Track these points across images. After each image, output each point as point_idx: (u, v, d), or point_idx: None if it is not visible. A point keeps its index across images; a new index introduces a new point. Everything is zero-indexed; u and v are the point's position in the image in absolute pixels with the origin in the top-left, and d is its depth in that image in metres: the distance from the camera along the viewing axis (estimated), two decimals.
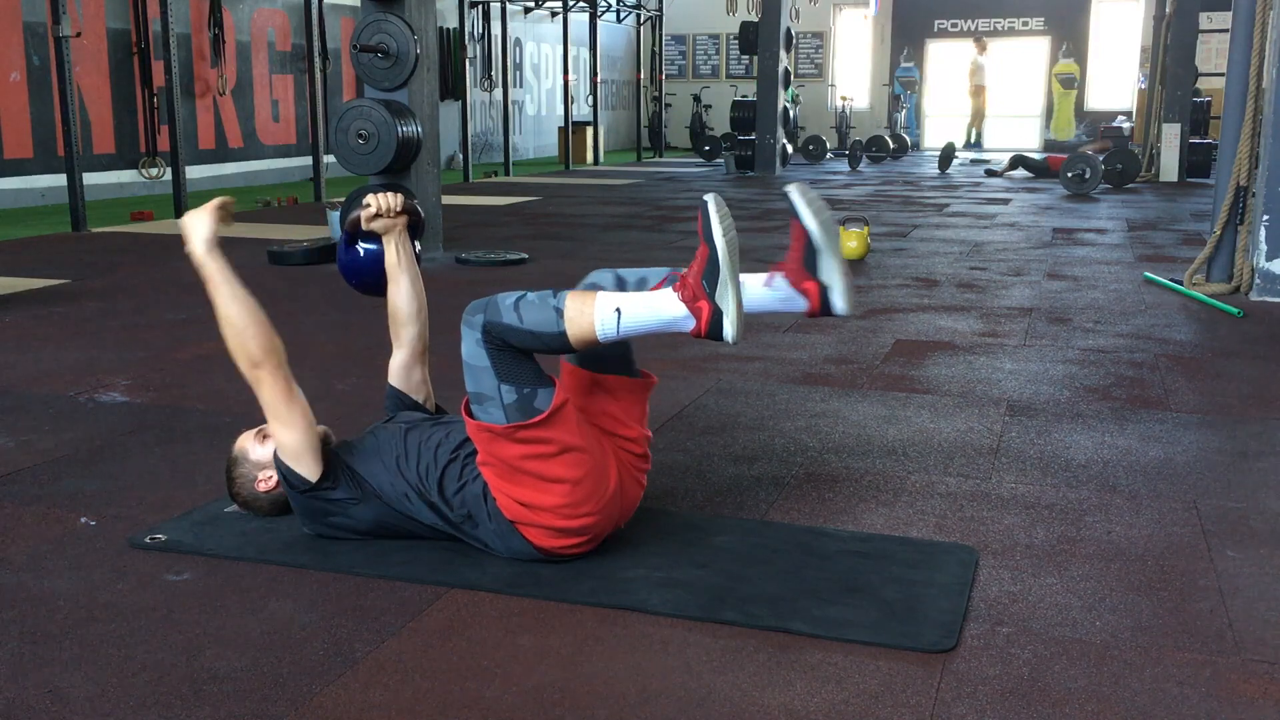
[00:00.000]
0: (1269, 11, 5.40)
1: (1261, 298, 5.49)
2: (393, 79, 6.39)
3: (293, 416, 2.34)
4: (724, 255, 2.22)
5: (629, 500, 2.41)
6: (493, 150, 16.60)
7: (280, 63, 12.79)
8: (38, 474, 2.91)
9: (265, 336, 2.34)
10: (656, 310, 2.25)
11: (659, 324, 2.26)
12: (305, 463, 2.36)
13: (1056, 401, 3.69)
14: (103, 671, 1.91)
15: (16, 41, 9.66)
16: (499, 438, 2.25)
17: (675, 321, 2.25)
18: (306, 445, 2.36)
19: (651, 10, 18.94)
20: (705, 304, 2.22)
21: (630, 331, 2.26)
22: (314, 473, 2.36)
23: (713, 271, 2.22)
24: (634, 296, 2.27)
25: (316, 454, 2.37)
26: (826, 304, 2.37)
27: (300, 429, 2.35)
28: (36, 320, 4.92)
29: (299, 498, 2.39)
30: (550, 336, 2.24)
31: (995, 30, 19.78)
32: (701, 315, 2.22)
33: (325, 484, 2.37)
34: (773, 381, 3.92)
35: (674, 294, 2.25)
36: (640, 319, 2.25)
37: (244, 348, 2.33)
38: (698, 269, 2.24)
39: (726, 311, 2.22)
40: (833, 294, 2.36)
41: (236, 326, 2.33)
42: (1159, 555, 2.44)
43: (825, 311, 2.38)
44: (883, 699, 1.85)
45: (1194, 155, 12.76)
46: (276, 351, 2.34)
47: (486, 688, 1.88)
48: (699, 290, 2.23)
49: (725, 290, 2.22)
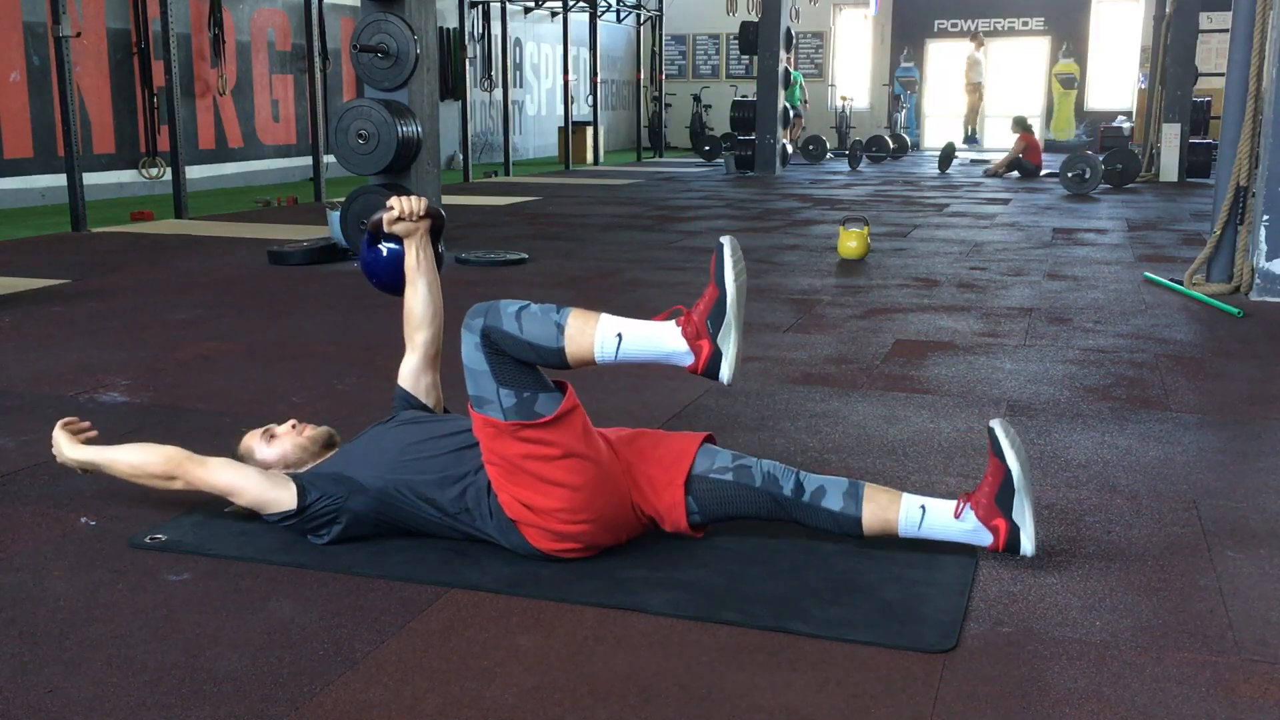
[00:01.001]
0: (1269, 11, 5.40)
1: (1261, 298, 5.49)
2: (393, 79, 6.39)
3: (229, 484, 2.43)
4: (732, 300, 2.27)
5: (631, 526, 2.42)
6: (493, 150, 16.61)
7: (280, 63, 12.79)
8: (38, 474, 2.91)
9: (156, 458, 2.49)
10: (658, 341, 2.29)
11: (657, 355, 2.31)
12: (276, 501, 2.39)
13: (1056, 401, 3.69)
14: (103, 671, 1.91)
15: (16, 41, 9.66)
16: (503, 434, 2.26)
17: (674, 355, 2.30)
18: (262, 489, 2.40)
19: (651, 10, 18.95)
20: (706, 343, 2.28)
21: (628, 358, 2.29)
22: (290, 501, 2.39)
23: (719, 313, 2.28)
24: (638, 324, 2.30)
25: (278, 485, 2.40)
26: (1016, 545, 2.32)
27: (244, 486, 2.41)
28: (36, 320, 4.92)
29: (299, 524, 2.41)
30: (548, 351, 2.26)
31: (995, 30, 19.79)
32: (701, 354, 2.28)
33: (307, 500, 2.38)
34: (773, 381, 3.92)
35: (676, 328, 2.29)
36: (639, 347, 2.29)
37: (153, 479, 2.49)
38: (704, 308, 2.29)
39: (726, 354, 2.28)
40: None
41: (137, 471, 2.50)
42: (1159, 555, 2.44)
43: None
44: (883, 699, 1.85)
45: (1194, 155, 12.76)
46: (172, 457, 2.48)
47: (486, 688, 1.88)
48: (703, 329, 2.28)
49: (728, 334, 2.28)
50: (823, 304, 5.41)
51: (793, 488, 2.38)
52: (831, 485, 2.39)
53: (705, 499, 2.38)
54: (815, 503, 2.37)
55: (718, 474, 2.38)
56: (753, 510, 2.39)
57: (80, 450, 2.56)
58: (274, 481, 2.41)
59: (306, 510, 2.38)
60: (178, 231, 8.15)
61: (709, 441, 2.47)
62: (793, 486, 2.38)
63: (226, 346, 4.42)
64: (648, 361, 2.34)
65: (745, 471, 2.39)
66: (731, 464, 2.40)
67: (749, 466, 2.40)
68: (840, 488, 2.39)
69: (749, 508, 2.39)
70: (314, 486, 2.39)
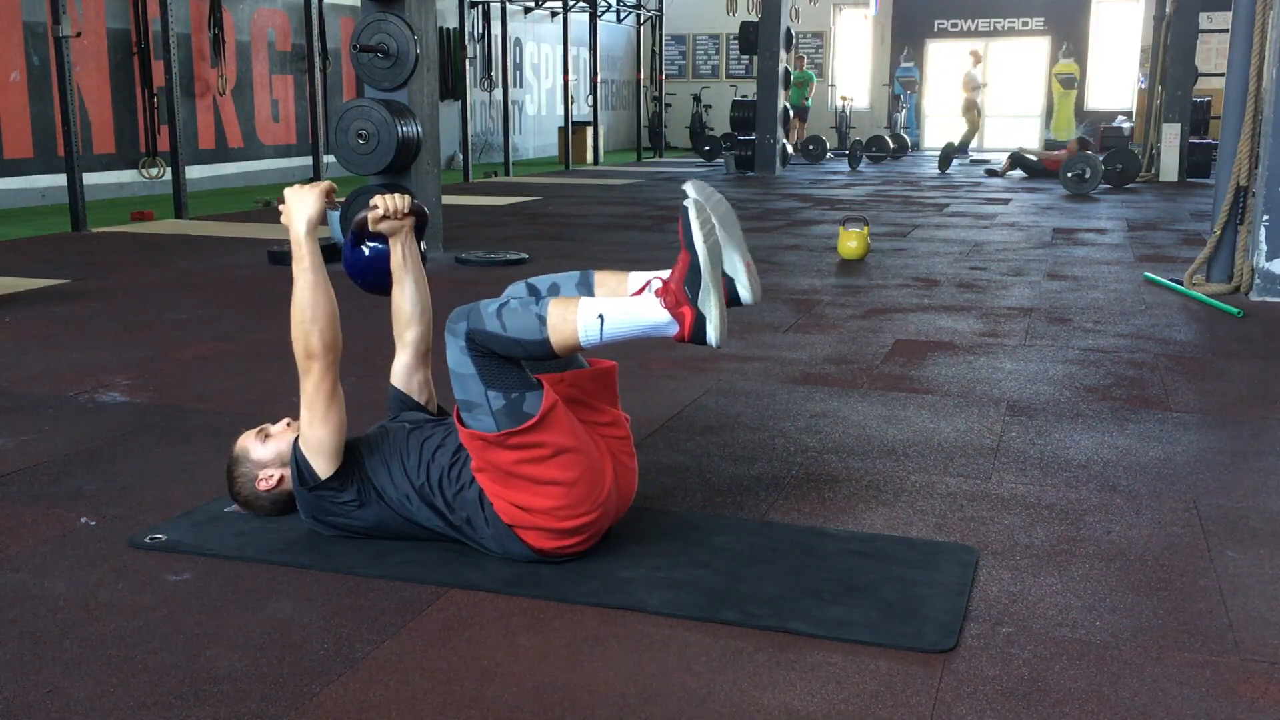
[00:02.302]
0: (1269, 11, 5.40)
1: (1261, 298, 5.49)
2: (393, 79, 6.39)
3: (328, 415, 2.36)
4: (705, 260, 2.24)
5: (626, 490, 2.42)
6: (493, 150, 16.60)
7: (280, 63, 12.79)
8: (38, 474, 2.91)
9: (331, 333, 2.37)
10: (640, 316, 2.27)
11: (642, 329, 2.28)
12: (321, 460, 2.37)
13: (1056, 401, 3.69)
14: (103, 671, 1.91)
15: (16, 41, 9.66)
16: (491, 445, 2.26)
17: (658, 327, 2.27)
18: (330, 446, 2.37)
19: (651, 10, 18.94)
20: (688, 309, 2.25)
21: (614, 337, 2.27)
22: (326, 471, 2.37)
23: (694, 277, 2.25)
24: (617, 302, 2.29)
25: (336, 457, 2.38)
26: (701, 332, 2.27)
27: (330, 429, 2.36)
28: (36, 320, 4.92)
29: (304, 493, 2.40)
30: (533, 344, 2.25)
31: (995, 30, 19.78)
32: (685, 321, 2.25)
33: (333, 484, 2.38)
34: (773, 381, 3.92)
35: (656, 300, 2.27)
36: (623, 324, 2.27)
37: (306, 336, 2.36)
38: (679, 274, 2.26)
39: (710, 316, 2.24)
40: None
41: (307, 314, 2.37)
42: (1159, 555, 2.44)
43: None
44: (883, 699, 1.85)
45: (1194, 155, 12.76)
46: (334, 349, 2.37)
47: (486, 688, 1.88)
48: (681, 296, 2.25)
49: (708, 295, 2.24)
50: (823, 304, 5.41)
51: (526, 289, 2.42)
52: (565, 280, 2.41)
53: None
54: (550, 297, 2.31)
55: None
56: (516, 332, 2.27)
57: (313, 236, 2.42)
58: (336, 450, 2.36)
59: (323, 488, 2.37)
60: (178, 231, 8.15)
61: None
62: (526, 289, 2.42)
63: (226, 346, 4.42)
64: (635, 337, 2.30)
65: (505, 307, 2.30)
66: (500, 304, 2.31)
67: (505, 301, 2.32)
68: (573, 280, 2.40)
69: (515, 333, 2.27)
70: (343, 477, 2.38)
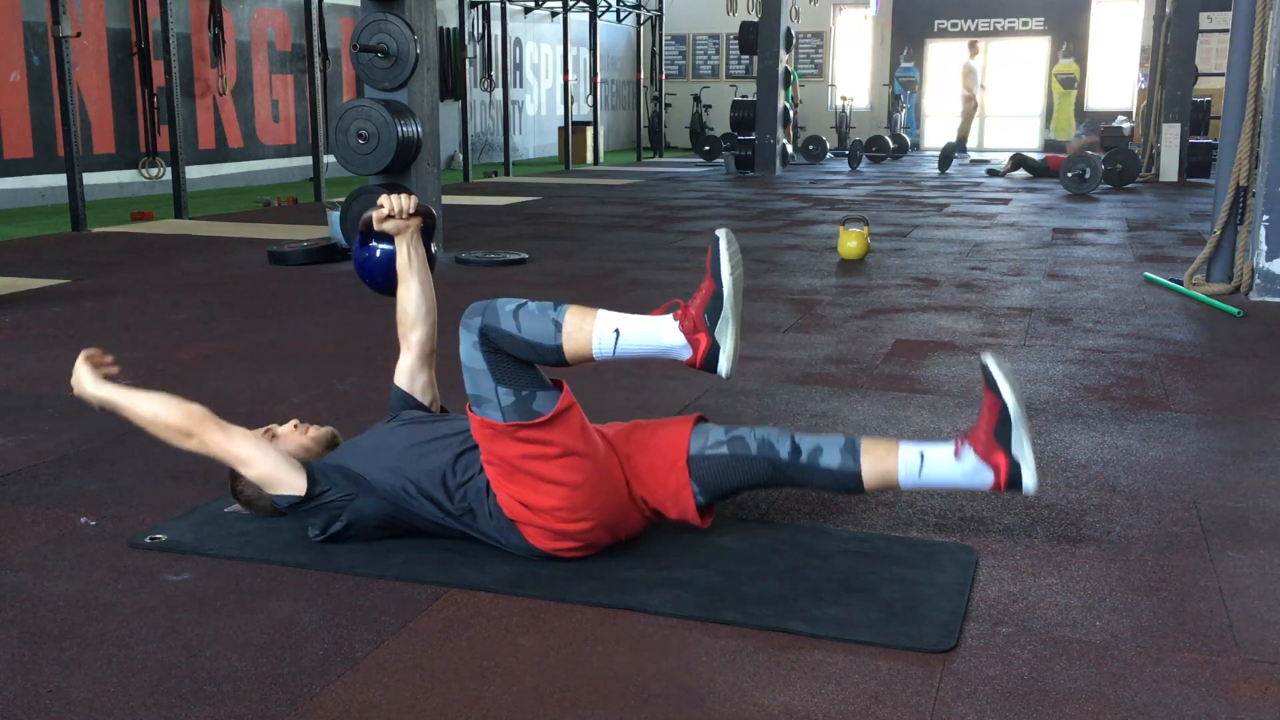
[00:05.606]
0: (1269, 11, 5.40)
1: (1261, 298, 5.49)
2: (393, 79, 6.39)
3: (245, 454, 2.36)
4: (729, 293, 2.29)
5: (631, 523, 2.41)
6: (493, 150, 16.60)
7: (280, 63, 12.79)
8: (38, 474, 2.91)
9: (178, 412, 2.38)
10: (655, 337, 2.31)
11: (655, 350, 2.32)
12: (286, 482, 2.37)
13: (1056, 401, 3.69)
14: (103, 671, 1.91)
15: (16, 41, 9.66)
16: (500, 435, 2.26)
17: (672, 349, 2.32)
18: (276, 467, 2.36)
19: (651, 10, 18.95)
20: (704, 337, 2.29)
21: (626, 354, 2.30)
22: (300, 487, 2.37)
23: (716, 307, 2.29)
24: (635, 320, 2.31)
25: (292, 468, 2.37)
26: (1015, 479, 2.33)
27: (258, 459, 2.36)
28: (36, 320, 4.91)
29: (301, 512, 2.40)
30: (546, 349, 2.26)
31: (995, 30, 19.78)
32: (699, 347, 2.30)
33: (316, 489, 2.37)
34: (773, 381, 3.92)
35: (674, 323, 2.31)
36: (637, 343, 2.30)
37: (169, 431, 2.38)
38: (700, 301, 2.31)
39: (724, 347, 2.29)
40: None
41: (154, 421, 2.39)
42: (1159, 555, 2.44)
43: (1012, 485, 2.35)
44: (883, 699, 1.85)
45: (1194, 155, 12.75)
46: (194, 415, 2.37)
47: (486, 688, 1.88)
48: (700, 322, 2.29)
49: (726, 327, 2.30)
50: (823, 304, 5.41)
51: (789, 450, 2.36)
52: (828, 444, 2.38)
53: (705, 476, 2.36)
54: (813, 463, 2.35)
55: (713, 449, 2.37)
56: (753, 478, 2.37)
57: (102, 387, 2.42)
58: (289, 463, 2.38)
59: (314, 499, 2.37)
60: (178, 231, 8.15)
61: (701, 421, 2.47)
62: (789, 449, 2.37)
63: (226, 347, 4.42)
64: (646, 356, 2.34)
65: (739, 442, 2.37)
66: (725, 437, 2.38)
67: (742, 436, 2.38)
68: (837, 445, 2.38)
69: (749, 477, 2.37)
70: (325, 477, 2.38)
